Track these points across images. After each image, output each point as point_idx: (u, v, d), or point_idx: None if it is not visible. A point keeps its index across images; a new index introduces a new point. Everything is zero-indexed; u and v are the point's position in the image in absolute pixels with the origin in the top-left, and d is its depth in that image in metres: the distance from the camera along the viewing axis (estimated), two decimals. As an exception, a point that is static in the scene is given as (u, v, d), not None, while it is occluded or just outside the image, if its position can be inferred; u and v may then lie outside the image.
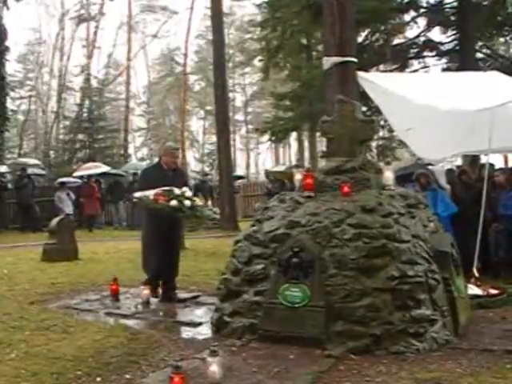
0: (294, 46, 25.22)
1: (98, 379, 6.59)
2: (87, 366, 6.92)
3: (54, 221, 16.67)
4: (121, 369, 6.88)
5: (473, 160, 17.28)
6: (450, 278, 8.14)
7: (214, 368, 6.14)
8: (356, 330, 7.33)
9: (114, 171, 32.94)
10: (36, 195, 28.04)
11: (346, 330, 7.37)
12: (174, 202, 9.95)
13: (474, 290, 9.89)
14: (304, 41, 26.78)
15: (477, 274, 10.53)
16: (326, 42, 10.92)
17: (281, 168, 26.83)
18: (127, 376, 6.68)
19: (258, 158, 79.14)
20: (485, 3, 20.60)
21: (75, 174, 30.35)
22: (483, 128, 10.56)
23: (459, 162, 19.11)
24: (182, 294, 10.89)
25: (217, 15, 28.53)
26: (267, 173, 25.34)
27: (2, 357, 7.23)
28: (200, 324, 8.98)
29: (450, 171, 14.81)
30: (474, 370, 6.49)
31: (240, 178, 39.05)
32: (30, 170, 29.82)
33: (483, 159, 14.86)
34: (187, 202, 10.10)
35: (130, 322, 9.20)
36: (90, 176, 29.44)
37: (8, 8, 33.37)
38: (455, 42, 21.50)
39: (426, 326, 7.40)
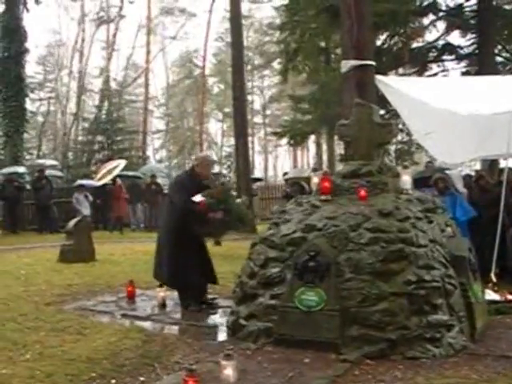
0: (312, 49, 25.20)
1: (113, 381, 6.59)
2: (102, 367, 6.91)
3: (72, 222, 16.72)
4: (135, 371, 6.87)
5: (491, 164, 17.19)
6: (467, 283, 8.08)
7: (229, 371, 6.12)
8: (372, 335, 7.28)
9: (131, 173, 32.97)
10: (54, 196, 28.14)
11: (362, 334, 7.33)
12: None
13: (491, 295, 9.81)
14: (322, 44, 26.79)
15: (494, 280, 10.45)
16: (343, 45, 10.92)
17: (299, 172, 26.71)
18: (141, 378, 6.67)
19: (276, 161, 79.18)
20: (506, 7, 20.51)
21: (100, 183, 30.17)
22: (502, 132, 10.50)
23: (478, 166, 19.03)
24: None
25: (235, 17, 28.52)
26: (286, 177, 25.21)
27: (16, 358, 7.25)
28: (215, 327, 8.96)
29: (467, 176, 14.75)
30: (490, 377, 6.42)
31: (258, 180, 38.96)
32: (47, 172, 29.91)
33: (502, 163, 14.78)
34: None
35: (146, 324, 9.19)
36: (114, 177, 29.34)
37: (28, 10, 33.62)
38: (474, 45, 21.42)
39: (443, 331, 7.34)
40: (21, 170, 29.07)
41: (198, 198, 9.86)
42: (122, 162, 31.19)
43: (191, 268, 10.17)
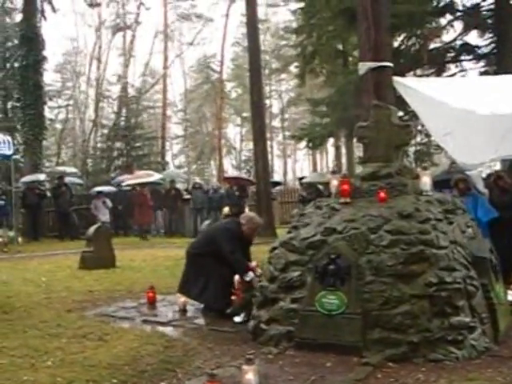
0: (329, 52, 25.23)
1: (134, 387, 6.59)
2: (123, 373, 6.92)
3: (91, 229, 16.78)
4: (156, 377, 6.86)
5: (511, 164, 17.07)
6: (489, 284, 8.02)
7: (250, 376, 6.09)
8: (393, 338, 7.24)
9: (151, 179, 33.05)
10: (74, 203, 28.27)
11: (384, 337, 7.29)
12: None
13: (514, 296, 9.73)
14: (339, 46, 26.78)
15: (517, 281, 10.37)
16: (361, 47, 10.88)
17: (319, 177, 26.50)
18: (163, 384, 6.67)
19: (295, 165, 79.16)
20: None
21: (128, 183, 30.34)
22: (522, 132, 10.42)
23: (498, 166, 18.90)
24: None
25: (252, 22, 28.51)
26: (302, 181, 25.05)
27: (38, 364, 7.27)
28: (237, 331, 8.93)
29: (488, 176, 14.64)
30: (515, 379, 6.38)
31: (277, 184, 38.88)
32: (67, 179, 30.07)
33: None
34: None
35: (167, 330, 9.20)
36: (141, 184, 29.36)
37: (45, 19, 33.78)
38: (492, 45, 21.30)
39: (465, 333, 7.28)
40: (41, 177, 29.18)
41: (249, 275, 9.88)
42: (156, 175, 31.56)
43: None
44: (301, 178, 26.63)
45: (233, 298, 9.69)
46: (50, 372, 6.95)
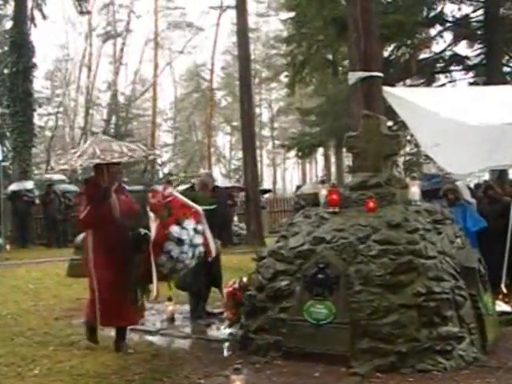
0: (319, 61, 25.27)
1: (121, 396, 6.56)
2: (110, 382, 6.90)
3: (80, 236, 16.68)
4: (144, 386, 6.83)
5: (500, 175, 17.14)
6: (477, 294, 8.03)
7: (238, 386, 6.08)
8: (382, 348, 7.24)
9: (138, 187, 32.95)
10: (62, 211, 28.15)
11: (372, 347, 7.28)
12: None
13: (502, 306, 9.75)
14: (329, 56, 26.82)
15: (505, 291, 10.40)
16: (351, 57, 10.91)
17: (313, 188, 26.24)
18: (150, 393, 6.64)
19: (284, 174, 79.16)
20: (512, 16, 20.52)
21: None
22: (510, 142, 10.45)
23: (487, 176, 18.97)
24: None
25: (242, 31, 28.51)
26: (298, 193, 24.74)
27: (25, 373, 7.25)
28: (225, 341, 8.90)
29: (476, 186, 14.70)
30: (502, 389, 6.38)
31: (267, 191, 38.81)
32: (61, 186, 30.04)
33: (511, 174, 14.73)
34: None
35: (155, 339, 9.18)
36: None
37: (35, 25, 33.69)
38: (482, 55, 21.41)
39: (453, 343, 7.29)
40: (29, 185, 29.03)
41: None
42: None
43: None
44: (299, 187, 26.59)
45: (225, 314, 9.57)
46: (36, 381, 6.94)
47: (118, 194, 8.27)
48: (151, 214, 7.87)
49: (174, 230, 7.65)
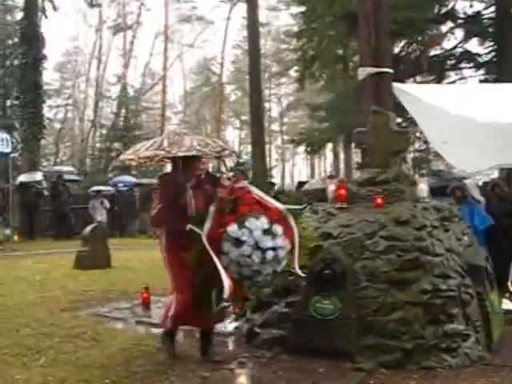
0: (329, 57, 25.22)
1: (126, 388, 6.57)
2: (115, 374, 6.89)
3: (87, 228, 16.75)
4: (149, 378, 6.83)
5: (510, 173, 17.06)
6: (483, 292, 8.00)
7: (242, 380, 6.07)
8: (387, 344, 7.22)
9: (146, 181, 33.02)
10: (71, 203, 28.20)
11: (377, 343, 7.27)
12: None
13: (508, 305, 9.72)
14: (340, 51, 26.75)
15: (511, 289, 10.36)
16: (361, 53, 10.85)
17: (316, 183, 26.04)
18: (155, 386, 6.64)
19: (293, 169, 79.11)
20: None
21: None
22: (521, 140, 10.40)
23: (496, 174, 18.89)
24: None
25: (253, 25, 28.54)
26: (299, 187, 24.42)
27: (30, 363, 7.27)
28: (230, 334, 8.90)
29: (485, 184, 14.64)
30: (506, 388, 6.37)
31: (272, 184, 38.66)
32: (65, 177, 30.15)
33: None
34: None
35: (160, 332, 9.14)
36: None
37: (46, 17, 33.75)
38: (493, 53, 21.32)
39: (459, 341, 7.27)
40: (38, 176, 29.09)
41: None
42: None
43: None
44: (300, 183, 26.28)
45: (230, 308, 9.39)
46: (42, 371, 6.95)
47: (196, 191, 7.63)
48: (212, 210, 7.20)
49: (231, 229, 6.80)
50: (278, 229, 6.87)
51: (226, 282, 6.61)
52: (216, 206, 7.13)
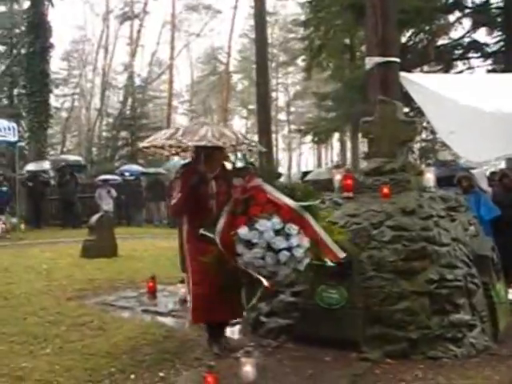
0: (336, 46, 25.20)
1: (132, 376, 6.59)
2: (121, 362, 6.93)
3: (94, 217, 16.77)
4: (155, 366, 6.86)
5: (517, 163, 17.05)
6: (489, 282, 8.00)
7: (248, 368, 6.09)
8: (393, 334, 7.23)
9: (153, 170, 33.06)
10: (78, 191, 28.23)
11: (383, 333, 7.28)
12: None
13: (515, 295, 9.70)
14: (347, 40, 26.71)
15: (518, 280, 10.35)
16: (368, 42, 10.82)
17: (321, 173, 25.86)
18: (161, 374, 6.66)
19: (300, 159, 79.05)
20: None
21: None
22: (529, 131, 10.37)
23: (503, 164, 18.86)
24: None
25: (260, 14, 28.52)
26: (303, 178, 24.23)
27: (37, 351, 7.31)
28: (237, 323, 8.91)
29: (492, 174, 14.62)
30: (512, 378, 6.37)
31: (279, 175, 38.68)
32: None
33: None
34: None
35: (166, 320, 9.20)
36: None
37: (53, 5, 33.70)
38: (501, 43, 21.25)
39: (465, 331, 7.28)
40: (46, 165, 29.15)
41: None
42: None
43: None
44: (304, 173, 26.22)
45: None
46: (48, 359, 6.99)
47: (219, 181, 7.56)
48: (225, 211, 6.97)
49: (241, 231, 6.55)
50: (293, 228, 6.53)
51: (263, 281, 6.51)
52: (229, 207, 6.94)
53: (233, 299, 7.39)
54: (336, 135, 42.25)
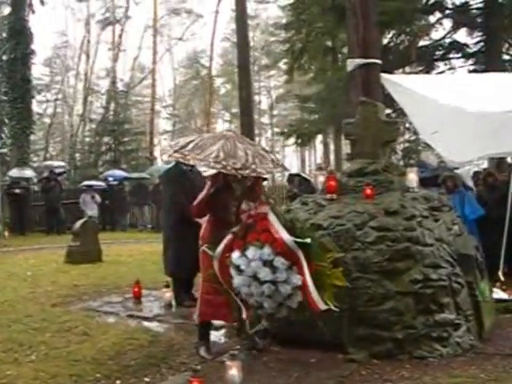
0: (318, 48, 25.22)
1: (118, 382, 6.60)
2: (107, 368, 6.92)
3: (78, 223, 16.73)
4: (140, 372, 6.87)
5: (499, 162, 17.11)
6: (474, 281, 8.03)
7: (234, 372, 6.07)
8: (378, 335, 7.24)
9: (136, 175, 33.05)
10: (62, 198, 28.15)
11: (369, 334, 7.29)
12: None
13: (499, 293, 9.75)
14: (328, 43, 26.74)
15: (502, 278, 10.41)
16: (349, 44, 10.85)
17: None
18: (146, 379, 6.67)
19: (284, 161, 79.00)
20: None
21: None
22: (510, 130, 10.41)
23: (485, 164, 18.94)
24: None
25: (241, 18, 28.51)
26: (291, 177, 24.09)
27: (22, 358, 7.28)
28: (222, 327, 8.90)
29: (475, 174, 14.69)
30: (498, 376, 6.39)
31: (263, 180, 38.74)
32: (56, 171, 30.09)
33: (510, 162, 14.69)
34: None
35: (152, 325, 9.19)
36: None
37: (34, 12, 33.54)
38: (481, 43, 21.35)
39: (450, 330, 7.30)
40: (28, 173, 29.04)
41: None
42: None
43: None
44: (292, 175, 26.14)
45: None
46: (33, 366, 6.97)
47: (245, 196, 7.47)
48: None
49: (234, 256, 6.57)
50: (282, 262, 6.33)
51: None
52: (236, 229, 6.86)
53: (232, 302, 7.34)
54: (319, 137, 42.24)
